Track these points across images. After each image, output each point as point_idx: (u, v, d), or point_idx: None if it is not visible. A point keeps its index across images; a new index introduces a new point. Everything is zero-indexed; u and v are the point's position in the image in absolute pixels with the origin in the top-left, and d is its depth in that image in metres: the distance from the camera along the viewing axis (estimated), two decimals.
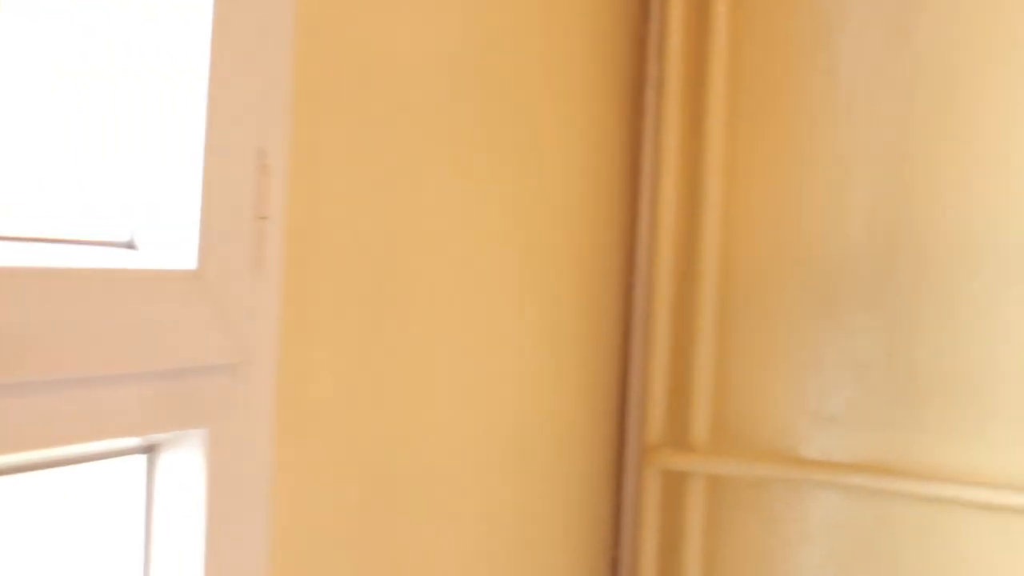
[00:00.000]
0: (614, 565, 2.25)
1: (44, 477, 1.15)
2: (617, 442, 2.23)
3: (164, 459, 1.25)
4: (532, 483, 1.98)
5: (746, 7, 2.20)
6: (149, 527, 1.26)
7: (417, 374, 1.65)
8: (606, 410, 2.21)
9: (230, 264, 1.25)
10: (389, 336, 1.58)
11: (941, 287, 2.05)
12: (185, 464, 1.24)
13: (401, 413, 1.61)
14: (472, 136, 1.75)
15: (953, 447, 2.03)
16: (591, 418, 2.16)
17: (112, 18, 1.20)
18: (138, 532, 1.26)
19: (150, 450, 1.25)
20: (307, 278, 1.42)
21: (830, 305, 2.13)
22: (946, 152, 2.06)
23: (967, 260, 2.03)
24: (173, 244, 1.21)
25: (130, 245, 1.22)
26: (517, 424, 1.92)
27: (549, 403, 2.02)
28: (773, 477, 2.16)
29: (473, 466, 1.80)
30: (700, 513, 2.21)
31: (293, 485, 1.42)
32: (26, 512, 1.16)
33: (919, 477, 2.05)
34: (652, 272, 2.22)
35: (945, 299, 2.05)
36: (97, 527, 1.24)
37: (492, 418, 1.85)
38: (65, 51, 1.17)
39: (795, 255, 2.16)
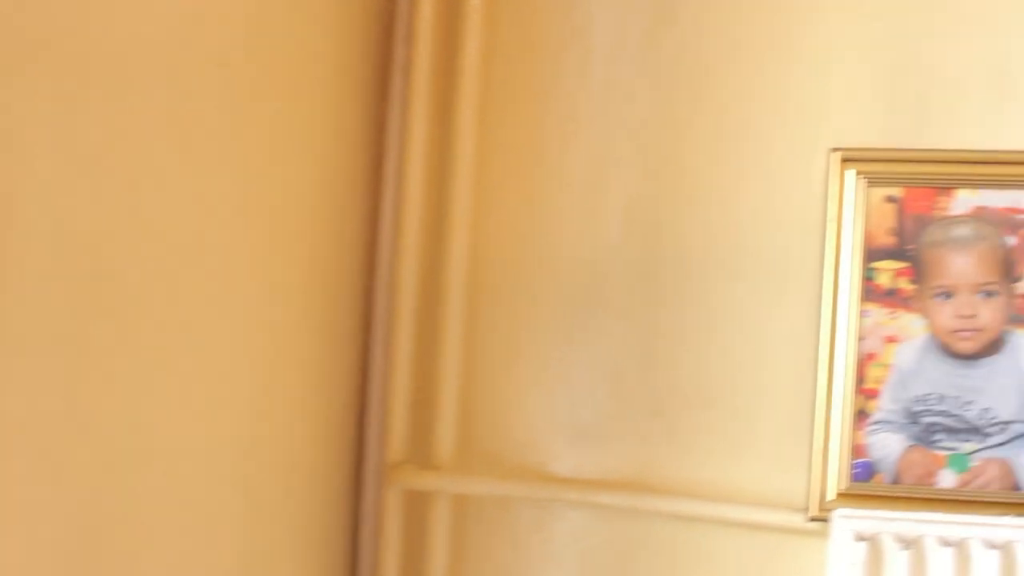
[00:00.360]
0: None
1: None
2: (356, 459, 2.13)
3: None
4: (262, 505, 1.87)
5: None
6: None
7: (130, 389, 1.53)
8: (344, 425, 2.10)
9: None
10: (97, 345, 1.45)
11: (700, 295, 1.99)
12: None
13: (110, 433, 1.50)
14: (197, 121, 1.63)
15: (709, 463, 1.98)
16: (327, 434, 2.06)
17: None
18: None
19: None
20: None
21: (584, 313, 2.05)
22: (707, 153, 2.01)
23: (727, 268, 1.98)
24: None
25: None
26: (244, 441, 1.81)
27: (280, 418, 1.91)
28: (521, 496, 2.07)
29: (192, 488, 1.68)
30: (445, 534, 2.11)
31: None
32: None
33: (674, 494, 1.99)
34: (395, 276, 2.11)
35: (704, 307, 1.99)
36: None
37: (216, 435, 1.74)
38: None
39: (547, 259, 2.08)
